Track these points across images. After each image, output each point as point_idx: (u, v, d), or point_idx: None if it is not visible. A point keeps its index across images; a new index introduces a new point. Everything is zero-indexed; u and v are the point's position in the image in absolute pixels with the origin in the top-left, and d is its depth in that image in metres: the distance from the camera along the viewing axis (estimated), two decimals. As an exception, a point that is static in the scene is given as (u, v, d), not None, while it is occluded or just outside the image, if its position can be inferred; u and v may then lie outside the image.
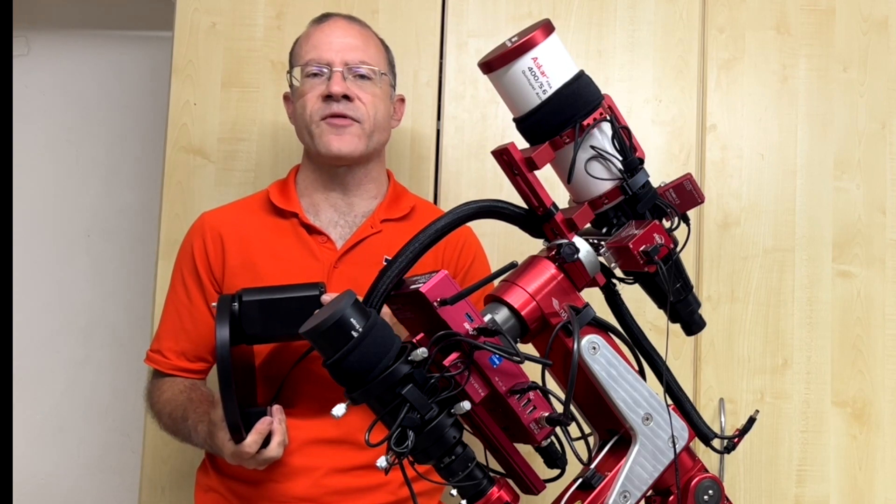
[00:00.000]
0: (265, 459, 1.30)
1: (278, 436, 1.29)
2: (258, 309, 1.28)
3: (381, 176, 1.57)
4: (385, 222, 1.51)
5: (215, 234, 1.49)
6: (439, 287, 0.90)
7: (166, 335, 1.50)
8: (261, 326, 1.28)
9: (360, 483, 1.40)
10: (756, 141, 1.89)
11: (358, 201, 1.52)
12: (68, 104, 2.59)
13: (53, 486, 2.53)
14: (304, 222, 1.49)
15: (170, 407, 1.44)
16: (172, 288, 1.52)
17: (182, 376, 1.48)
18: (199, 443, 1.38)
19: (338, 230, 1.50)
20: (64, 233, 2.58)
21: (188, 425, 1.38)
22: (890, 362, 1.85)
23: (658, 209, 1.02)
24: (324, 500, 1.39)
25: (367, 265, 1.44)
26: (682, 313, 1.08)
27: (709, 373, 1.83)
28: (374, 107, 1.47)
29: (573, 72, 0.99)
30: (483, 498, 0.92)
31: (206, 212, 1.55)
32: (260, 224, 1.50)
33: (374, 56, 1.49)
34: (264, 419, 1.28)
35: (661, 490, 1.02)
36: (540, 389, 0.93)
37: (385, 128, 1.52)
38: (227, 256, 1.47)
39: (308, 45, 1.49)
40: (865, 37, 1.91)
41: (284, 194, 1.52)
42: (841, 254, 1.86)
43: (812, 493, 1.82)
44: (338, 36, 1.48)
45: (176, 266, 1.52)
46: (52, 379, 2.54)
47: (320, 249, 1.47)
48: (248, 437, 1.26)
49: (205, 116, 1.85)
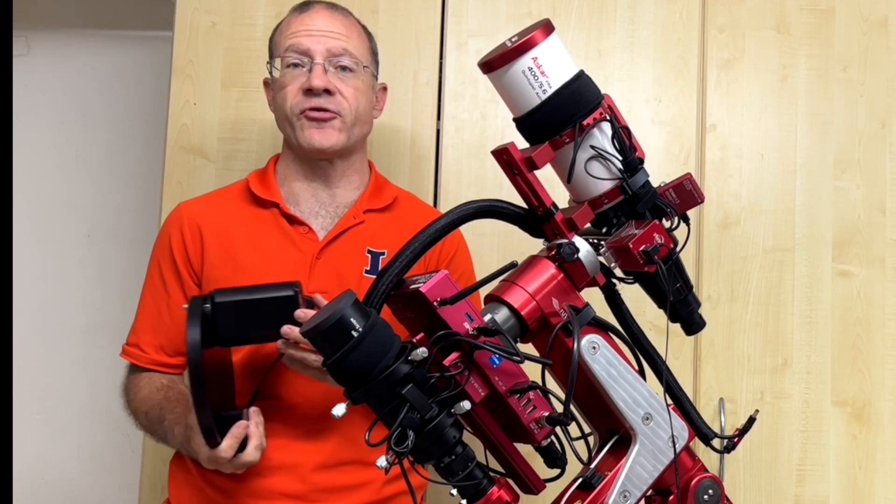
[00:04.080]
0: (242, 464, 1.25)
1: (255, 439, 1.25)
2: (232, 311, 1.24)
3: (363, 167, 1.54)
4: (368, 212, 1.48)
5: (193, 225, 1.45)
6: (439, 287, 0.90)
7: (144, 329, 1.47)
8: (235, 329, 1.24)
9: (346, 480, 1.38)
10: (756, 141, 1.89)
11: (340, 192, 1.50)
12: (68, 104, 2.59)
13: (53, 486, 2.53)
14: (284, 212, 1.46)
15: (146, 406, 1.41)
16: (150, 280, 1.48)
17: (160, 371, 1.45)
18: (176, 445, 1.36)
19: (319, 220, 1.47)
20: (64, 233, 2.58)
21: (164, 426, 1.36)
22: (890, 362, 1.85)
23: (658, 209, 1.02)
24: (308, 497, 1.37)
25: (350, 256, 1.43)
26: (681, 313, 1.08)
27: (709, 372, 1.83)
28: (356, 100, 1.44)
29: (573, 71, 0.99)
30: (483, 497, 0.92)
31: (184, 202, 1.52)
32: (240, 214, 1.47)
33: (356, 47, 1.46)
34: (240, 423, 1.24)
35: (661, 490, 1.02)
36: (540, 389, 0.93)
37: (367, 120, 1.49)
38: (207, 248, 1.44)
39: (288, 33, 1.45)
40: (865, 37, 1.91)
41: (264, 184, 1.49)
42: (841, 253, 1.86)
43: (812, 493, 1.82)
44: (320, 24, 1.44)
45: (153, 258, 1.48)
46: (52, 379, 2.54)
47: (302, 240, 1.44)
48: (224, 441, 1.22)
49: (205, 116, 1.85)
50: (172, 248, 1.45)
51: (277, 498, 1.37)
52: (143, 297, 1.49)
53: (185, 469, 1.44)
